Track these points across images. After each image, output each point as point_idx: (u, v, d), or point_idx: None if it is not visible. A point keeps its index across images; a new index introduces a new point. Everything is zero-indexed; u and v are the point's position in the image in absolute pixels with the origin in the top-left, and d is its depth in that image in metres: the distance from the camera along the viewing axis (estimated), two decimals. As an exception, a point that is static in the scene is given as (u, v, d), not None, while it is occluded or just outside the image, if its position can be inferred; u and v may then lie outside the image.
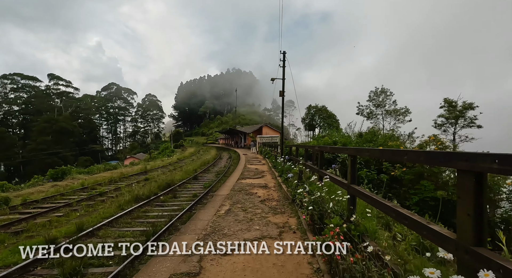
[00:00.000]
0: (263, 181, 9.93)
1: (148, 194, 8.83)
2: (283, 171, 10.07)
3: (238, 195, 7.12)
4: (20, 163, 60.46)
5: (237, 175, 12.00)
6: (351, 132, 18.05)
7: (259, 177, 10.90)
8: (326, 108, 56.79)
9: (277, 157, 15.86)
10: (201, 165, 19.73)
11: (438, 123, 23.75)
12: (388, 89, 31.97)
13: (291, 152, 12.77)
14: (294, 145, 13.72)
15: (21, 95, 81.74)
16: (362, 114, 33.87)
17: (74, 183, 11.80)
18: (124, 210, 7.27)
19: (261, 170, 13.56)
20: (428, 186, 8.53)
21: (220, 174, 14.94)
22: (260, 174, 11.80)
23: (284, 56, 13.81)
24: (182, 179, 12.69)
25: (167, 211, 7.34)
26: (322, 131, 54.15)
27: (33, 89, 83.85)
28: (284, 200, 6.54)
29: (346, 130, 20.93)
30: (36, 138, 51.80)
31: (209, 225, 4.42)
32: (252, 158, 22.12)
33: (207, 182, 11.97)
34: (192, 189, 10.68)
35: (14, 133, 73.63)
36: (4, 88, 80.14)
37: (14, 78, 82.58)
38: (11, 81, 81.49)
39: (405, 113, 30.57)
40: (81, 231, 5.35)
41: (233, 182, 9.64)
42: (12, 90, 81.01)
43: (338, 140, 11.73)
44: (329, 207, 3.69)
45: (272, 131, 44.53)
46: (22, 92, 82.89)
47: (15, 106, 77.76)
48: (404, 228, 3.54)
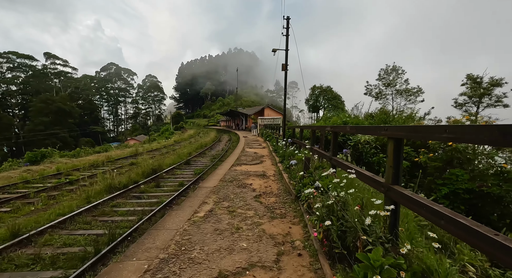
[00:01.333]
0: (261, 167, 8.53)
1: (126, 183, 7.51)
2: (284, 156, 8.62)
3: (228, 187, 5.73)
4: (23, 143, 60.02)
5: (233, 159, 10.62)
6: (358, 113, 16.37)
7: (257, 163, 9.49)
8: (331, 89, 54.21)
9: (278, 139, 14.39)
10: (197, 148, 18.41)
11: (459, 103, 21.43)
12: (400, 67, 29.49)
13: (295, 135, 11.25)
14: (298, 126, 12.11)
15: (18, 75, 79.95)
16: (371, 95, 31.73)
17: (52, 167, 10.56)
18: (91, 203, 5.98)
19: (261, 154, 12.16)
20: (462, 175, 7.04)
21: (215, 158, 13.62)
22: (259, 159, 10.40)
23: (287, 23, 11.69)
24: (172, 164, 11.39)
25: (143, 205, 6.03)
26: (326, 113, 52.22)
27: (30, 69, 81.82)
28: (285, 195, 5.14)
29: (353, 111, 19.19)
30: (34, 119, 50.70)
31: (175, 240, 3.04)
32: (252, 141, 20.70)
33: (199, 168, 10.65)
34: (181, 175, 9.37)
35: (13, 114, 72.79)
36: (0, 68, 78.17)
37: (9, 57, 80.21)
38: (6, 60, 79.28)
39: (417, 93, 28.38)
40: (15, 236, 4.04)
41: (226, 169, 8.26)
42: (8, 69, 79.02)
43: (348, 121, 10.13)
44: (359, 222, 2.25)
45: (274, 113, 42.76)
46: (19, 71, 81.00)
47: (13, 86, 76.12)
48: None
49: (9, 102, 76.11)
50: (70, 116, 54.15)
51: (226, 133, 38.07)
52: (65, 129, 51.67)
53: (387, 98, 30.21)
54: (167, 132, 53.13)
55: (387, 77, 30.10)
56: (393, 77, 29.69)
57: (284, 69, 11.77)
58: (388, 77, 29.98)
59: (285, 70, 11.74)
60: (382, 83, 30.41)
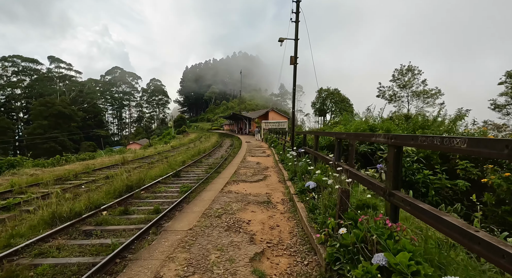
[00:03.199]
0: (265, 187, 6.42)
1: (79, 211, 5.47)
2: (296, 172, 6.50)
3: (212, 231, 3.61)
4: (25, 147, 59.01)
5: (230, 172, 8.54)
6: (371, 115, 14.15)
7: (259, 179, 7.39)
8: (339, 92, 52.06)
9: (285, 147, 12.26)
10: (194, 155, 16.41)
11: (497, 104, 18.66)
12: (416, 67, 27.14)
13: (306, 142, 9.13)
14: (311, 132, 9.83)
15: (22, 78, 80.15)
16: (383, 97, 29.41)
17: (8, 181, 8.61)
18: (12, 246, 3.98)
19: (264, 165, 10.06)
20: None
21: (212, 167, 11.57)
22: (262, 173, 8.29)
23: (297, 6, 9.58)
24: (158, 176, 9.41)
25: (86, 252, 3.97)
26: (346, 115, 49.98)
27: (35, 73, 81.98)
28: (305, 250, 3.02)
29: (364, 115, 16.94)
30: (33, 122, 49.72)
31: None
32: (255, 147, 18.61)
33: (188, 183, 8.59)
34: (163, 195, 7.32)
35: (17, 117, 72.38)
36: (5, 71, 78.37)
37: (14, 60, 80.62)
38: (12, 64, 79.57)
39: (436, 94, 25.95)
40: None
41: (218, 190, 6.17)
42: (13, 73, 79.24)
43: (377, 125, 7.96)
44: None
45: (279, 117, 40.72)
46: (24, 75, 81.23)
47: (17, 90, 76.00)
48: None
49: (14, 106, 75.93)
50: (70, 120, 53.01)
51: (229, 137, 36.09)
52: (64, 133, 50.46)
53: (402, 101, 27.84)
54: (168, 136, 51.54)
55: (402, 78, 27.76)
56: (409, 78, 27.35)
57: (293, 63, 9.70)
58: (403, 78, 27.65)
59: (295, 64, 9.66)
60: (397, 84, 28.09)
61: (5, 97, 73.96)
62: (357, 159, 7.37)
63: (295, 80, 9.98)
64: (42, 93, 72.98)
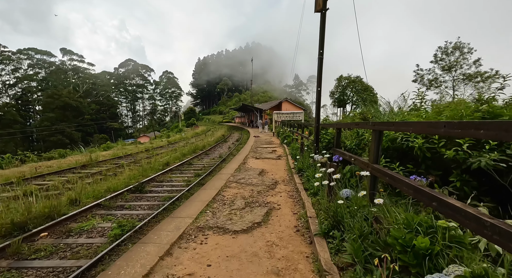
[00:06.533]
0: (268, 262, 2.72)
1: None
2: (336, 213, 2.75)
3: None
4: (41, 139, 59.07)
5: (209, 196, 4.93)
6: (403, 106, 9.80)
7: (253, 224, 3.69)
8: (361, 80, 46.58)
9: (305, 146, 8.35)
10: (186, 153, 13.02)
11: None
12: (467, 44, 21.84)
13: (339, 142, 5.23)
14: (366, 124, 5.04)
15: (38, 71, 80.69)
16: (421, 82, 24.39)
17: None
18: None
19: (271, 177, 6.33)
20: None
21: (199, 175, 7.96)
22: (263, 200, 4.58)
23: None
24: (106, 192, 6.00)
25: None
26: (355, 108, 44.82)
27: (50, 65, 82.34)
28: None
29: (395, 104, 12.57)
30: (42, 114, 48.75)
31: None
32: (263, 144, 14.86)
33: (132, 217, 5.07)
34: (74, 245, 3.81)
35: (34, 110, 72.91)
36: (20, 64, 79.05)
37: (29, 53, 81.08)
38: (27, 57, 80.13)
39: (492, 78, 20.69)
40: None
41: (161, 252, 2.55)
42: (29, 66, 79.84)
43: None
44: None
45: (294, 108, 36.48)
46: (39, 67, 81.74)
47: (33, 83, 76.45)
48: None
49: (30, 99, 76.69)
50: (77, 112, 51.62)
51: (238, 131, 32.59)
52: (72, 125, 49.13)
53: (445, 87, 22.76)
54: (175, 129, 49.00)
55: (447, 58, 22.59)
56: (456, 58, 22.15)
57: (320, 9, 5.77)
58: (449, 58, 22.47)
59: (323, 10, 5.72)
60: (440, 66, 22.96)
61: (21, 90, 74.68)
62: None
63: (323, 35, 5.95)
64: (56, 85, 72.92)
